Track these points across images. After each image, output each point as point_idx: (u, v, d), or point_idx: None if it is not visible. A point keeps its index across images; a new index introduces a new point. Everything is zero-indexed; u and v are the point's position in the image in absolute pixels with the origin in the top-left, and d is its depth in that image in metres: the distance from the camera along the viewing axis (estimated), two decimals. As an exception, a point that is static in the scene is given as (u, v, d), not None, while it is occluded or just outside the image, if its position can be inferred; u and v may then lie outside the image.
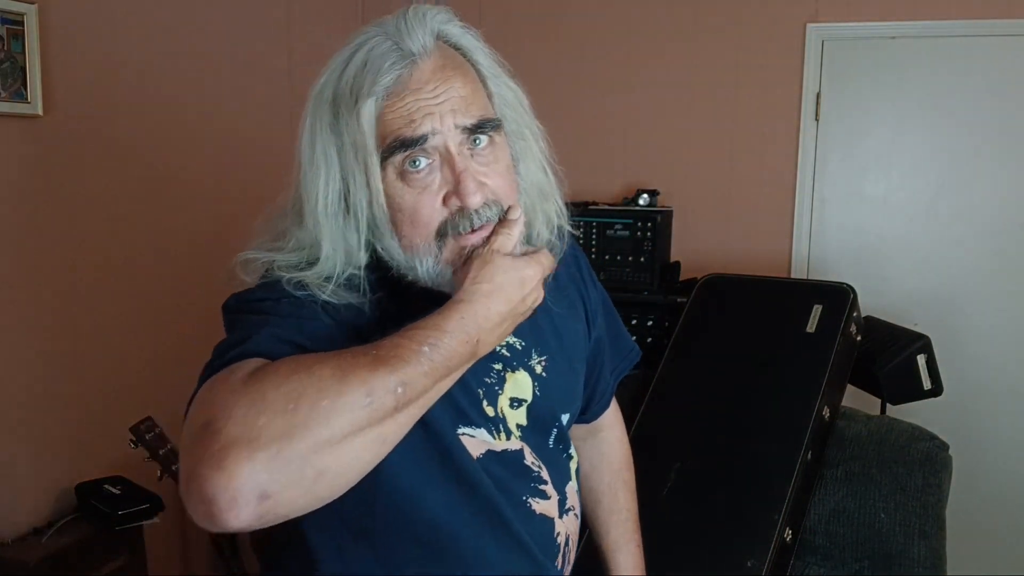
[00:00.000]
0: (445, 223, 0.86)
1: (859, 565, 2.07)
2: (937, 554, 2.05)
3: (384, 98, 0.84)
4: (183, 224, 2.69)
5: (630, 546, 1.26)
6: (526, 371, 1.00)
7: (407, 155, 0.84)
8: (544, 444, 1.03)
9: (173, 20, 2.61)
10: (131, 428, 2.26)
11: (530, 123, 0.96)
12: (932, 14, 2.88)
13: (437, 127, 0.84)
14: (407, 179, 0.85)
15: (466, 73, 0.89)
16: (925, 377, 2.44)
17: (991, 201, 2.91)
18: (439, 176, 0.86)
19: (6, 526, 2.16)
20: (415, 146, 0.84)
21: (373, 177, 0.85)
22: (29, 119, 2.16)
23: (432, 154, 0.85)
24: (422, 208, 0.86)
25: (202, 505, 0.64)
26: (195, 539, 2.78)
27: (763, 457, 2.11)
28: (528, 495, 0.99)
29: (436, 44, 0.88)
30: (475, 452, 0.94)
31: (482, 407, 0.95)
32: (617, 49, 3.25)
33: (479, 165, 0.87)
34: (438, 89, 0.85)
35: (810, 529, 2.12)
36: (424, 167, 0.85)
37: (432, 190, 0.86)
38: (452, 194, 0.85)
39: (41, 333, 2.25)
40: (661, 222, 2.90)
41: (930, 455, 2.13)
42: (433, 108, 0.84)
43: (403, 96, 0.84)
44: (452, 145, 0.85)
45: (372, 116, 0.84)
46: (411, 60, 0.85)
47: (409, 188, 0.86)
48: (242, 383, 0.69)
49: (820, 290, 2.49)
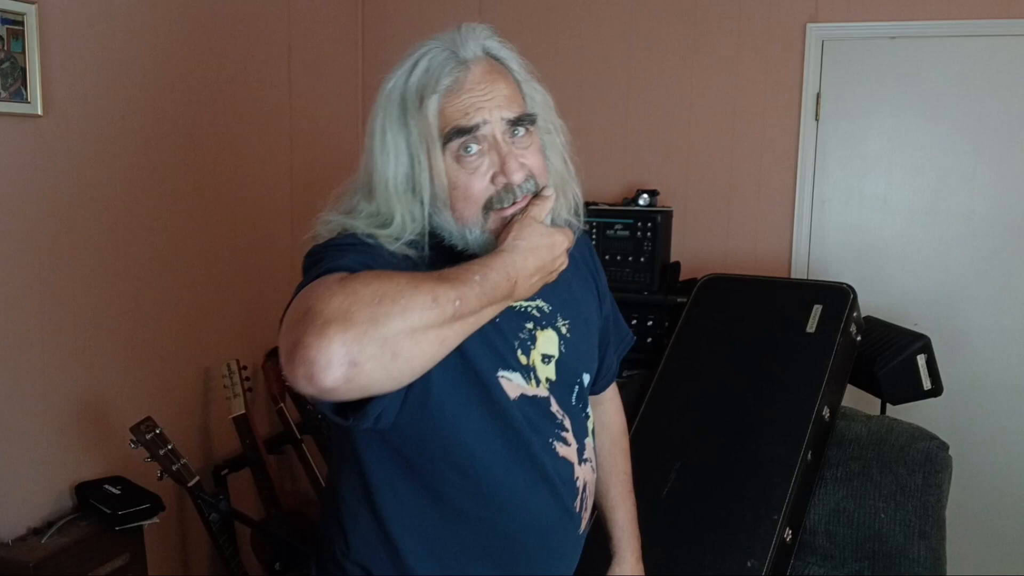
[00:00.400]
0: (491, 199, 1.06)
1: (859, 565, 2.07)
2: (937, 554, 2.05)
3: (444, 95, 1.04)
4: (183, 224, 2.69)
5: (627, 503, 1.45)
6: (553, 331, 1.18)
7: (463, 141, 1.04)
8: (568, 399, 1.20)
9: (173, 20, 2.61)
10: (131, 428, 2.26)
11: (555, 120, 1.17)
12: (932, 14, 2.88)
13: (487, 118, 1.05)
14: (462, 162, 1.05)
15: (507, 77, 1.10)
16: (925, 377, 2.44)
17: (991, 201, 2.91)
18: (487, 160, 1.06)
19: (6, 526, 2.16)
20: (469, 133, 1.04)
21: (436, 159, 1.05)
22: (29, 119, 2.16)
23: (482, 141, 1.05)
24: (473, 185, 1.06)
25: (303, 367, 0.80)
26: (195, 539, 2.78)
27: (763, 457, 2.12)
28: (553, 438, 1.17)
29: (484, 56, 1.09)
30: (512, 393, 1.11)
31: (518, 355, 1.13)
32: (617, 49, 3.25)
33: (519, 149, 1.07)
34: (487, 89, 1.06)
35: (810, 529, 2.12)
36: (475, 152, 1.05)
37: (481, 171, 1.06)
38: (499, 173, 1.06)
39: (41, 332, 2.25)
40: (661, 222, 2.90)
41: (930, 455, 2.13)
42: (483, 103, 1.05)
43: (459, 94, 1.04)
44: (498, 133, 1.06)
45: (435, 110, 1.04)
46: (465, 65, 1.06)
47: (463, 169, 1.06)
48: (337, 283, 0.86)
49: (820, 290, 2.50)
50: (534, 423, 1.14)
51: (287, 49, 3.13)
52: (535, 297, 1.13)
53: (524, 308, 1.15)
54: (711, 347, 2.49)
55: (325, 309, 0.81)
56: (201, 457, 2.80)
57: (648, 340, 2.85)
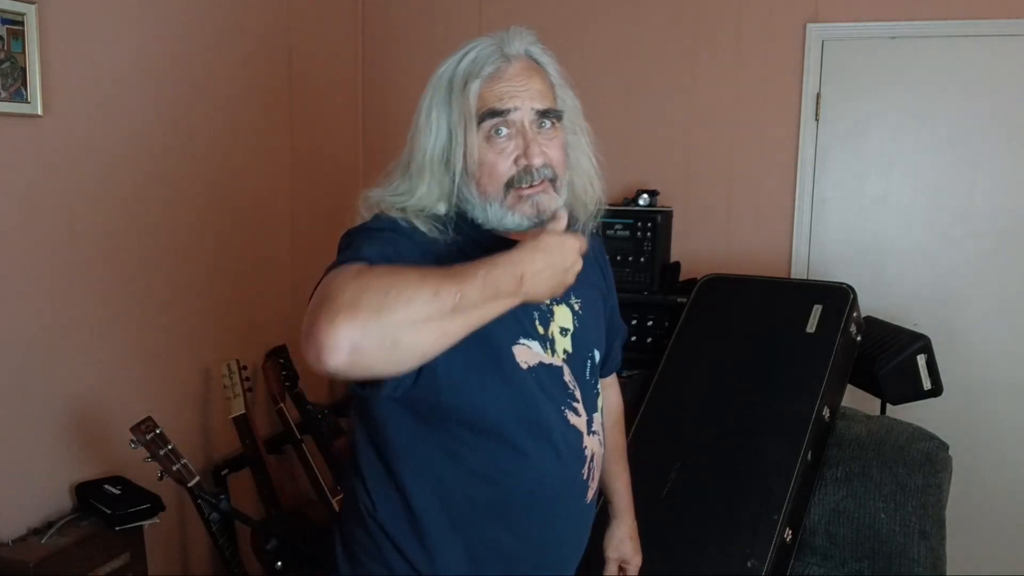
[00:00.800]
0: (512, 178, 1.18)
1: (859, 565, 2.07)
2: (937, 554, 2.05)
3: (485, 81, 1.17)
4: (183, 224, 2.69)
5: (624, 474, 1.61)
6: (567, 307, 1.29)
7: (495, 123, 1.17)
8: (582, 372, 1.30)
9: (173, 20, 2.61)
10: (131, 428, 2.26)
11: (582, 124, 1.31)
12: (932, 14, 2.88)
13: (519, 105, 1.17)
14: (491, 143, 1.18)
15: (543, 77, 1.23)
16: (925, 377, 2.44)
17: (991, 201, 2.91)
18: (513, 143, 1.18)
19: (6, 526, 2.16)
20: (501, 116, 1.17)
21: (471, 136, 1.17)
22: (29, 119, 2.16)
23: (511, 126, 1.18)
24: (499, 164, 1.18)
25: (313, 348, 0.89)
26: (195, 539, 2.78)
27: (763, 457, 2.12)
28: (565, 407, 1.25)
29: (525, 56, 1.22)
30: (530, 360, 1.21)
31: (536, 326, 1.23)
32: (617, 49, 3.25)
33: (544, 139, 1.19)
34: (523, 82, 1.19)
35: (810, 529, 2.12)
36: (504, 135, 1.18)
37: (507, 153, 1.18)
38: (521, 156, 1.17)
39: (41, 332, 2.25)
40: (661, 222, 2.90)
41: (930, 455, 2.13)
42: (518, 93, 1.18)
43: (498, 82, 1.18)
44: (527, 121, 1.18)
45: (476, 92, 1.17)
46: (508, 59, 1.20)
47: (491, 149, 1.18)
48: (354, 275, 0.96)
49: (820, 290, 2.50)
50: (548, 390, 1.22)
51: (287, 49, 3.13)
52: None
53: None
54: (711, 347, 2.49)
55: (338, 298, 0.91)
56: (201, 457, 2.80)
57: (648, 340, 2.85)
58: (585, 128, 1.31)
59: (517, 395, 1.19)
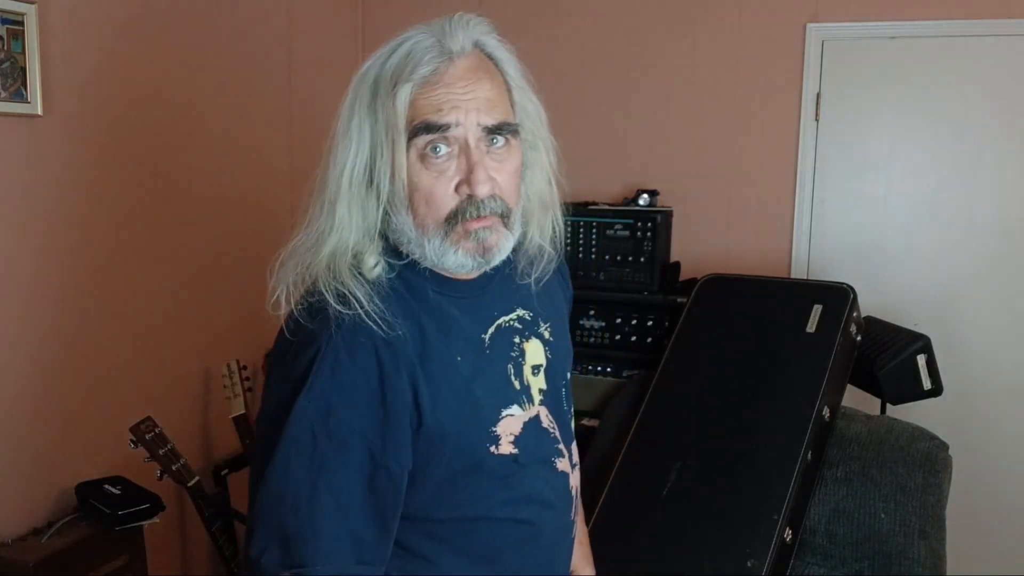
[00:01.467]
0: (455, 211, 0.96)
1: (859, 565, 2.07)
2: (937, 554, 2.05)
3: (420, 86, 0.94)
4: (183, 223, 2.69)
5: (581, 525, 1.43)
6: (537, 339, 1.12)
7: (431, 140, 0.95)
8: (559, 407, 1.16)
9: (173, 20, 2.61)
10: (131, 428, 2.26)
11: (545, 136, 1.07)
12: (932, 14, 2.88)
13: (461, 120, 0.94)
14: (426, 162, 0.96)
15: (495, 79, 0.99)
16: (925, 377, 2.44)
17: (991, 201, 2.91)
18: (455, 164, 0.96)
19: (6, 526, 2.16)
20: (439, 132, 0.94)
21: (399, 154, 0.95)
22: (29, 119, 2.16)
23: (452, 144, 0.95)
24: (436, 190, 0.96)
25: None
26: (195, 539, 2.78)
27: (763, 457, 2.12)
28: (554, 456, 1.13)
29: (474, 51, 0.99)
30: (514, 430, 1.05)
31: (511, 382, 1.07)
32: (617, 49, 3.25)
33: (492, 161, 0.97)
34: (468, 87, 0.95)
35: (810, 529, 2.12)
36: (443, 154, 0.95)
37: (447, 176, 0.96)
38: (464, 182, 0.95)
39: (41, 333, 2.25)
40: (661, 222, 2.90)
41: (930, 455, 2.13)
42: (460, 103, 0.95)
43: (436, 87, 0.95)
44: (471, 138, 0.95)
45: (406, 99, 0.94)
46: (449, 57, 0.96)
47: (427, 171, 0.96)
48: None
49: (820, 290, 2.50)
50: (540, 450, 1.10)
51: (287, 49, 3.13)
52: (515, 307, 1.10)
53: (508, 323, 1.09)
54: (711, 347, 2.49)
55: None
56: (201, 457, 2.80)
57: (648, 340, 2.85)
58: (550, 144, 1.07)
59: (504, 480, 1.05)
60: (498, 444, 1.03)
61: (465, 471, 1.01)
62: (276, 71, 3.09)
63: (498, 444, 1.03)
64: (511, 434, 1.04)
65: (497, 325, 1.07)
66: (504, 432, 1.03)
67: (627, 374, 2.78)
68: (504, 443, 1.03)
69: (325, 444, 0.92)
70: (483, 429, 1.02)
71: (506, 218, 1.00)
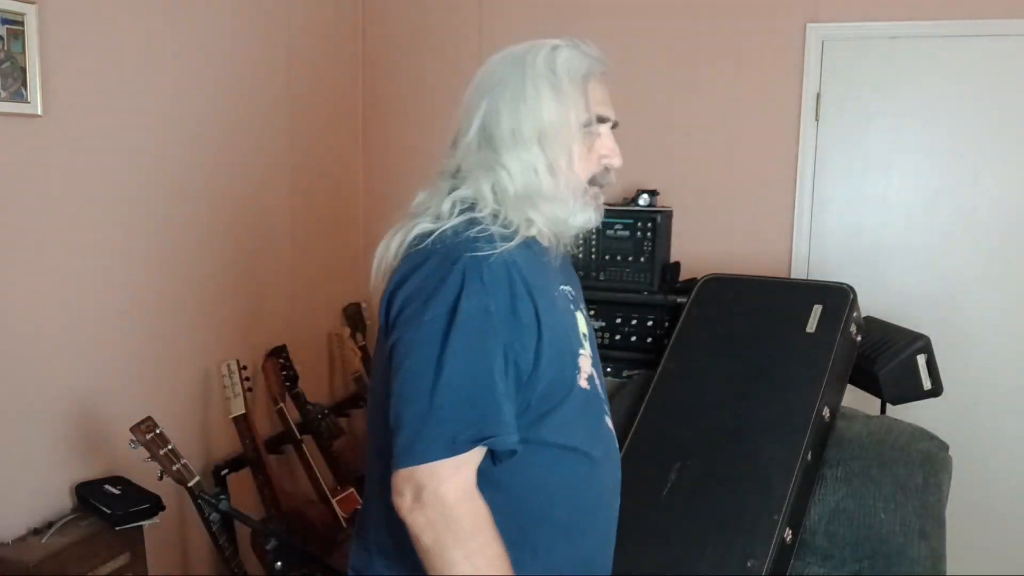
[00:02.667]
0: (595, 176, 1.27)
1: (859, 565, 2.07)
2: (937, 554, 2.04)
3: (596, 80, 1.29)
4: (183, 224, 2.69)
5: None
6: (580, 312, 1.31)
7: (595, 127, 1.25)
8: (601, 377, 1.33)
9: (173, 20, 2.61)
10: (131, 428, 2.26)
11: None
12: (932, 14, 2.88)
13: (614, 117, 1.31)
14: (586, 138, 1.25)
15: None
16: (925, 377, 2.43)
17: (991, 201, 2.91)
18: (598, 143, 1.27)
19: (6, 526, 2.16)
20: (607, 123, 1.28)
21: (577, 129, 1.23)
22: (29, 119, 2.16)
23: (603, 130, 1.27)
24: (588, 159, 1.25)
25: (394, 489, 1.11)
26: (195, 539, 2.78)
27: (763, 457, 2.11)
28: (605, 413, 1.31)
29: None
30: (586, 369, 1.24)
31: (579, 330, 1.27)
32: (617, 49, 3.22)
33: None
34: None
35: (810, 529, 2.12)
36: (598, 134, 1.26)
37: (595, 150, 1.26)
38: (607, 156, 1.27)
39: (40, 332, 2.25)
40: (661, 222, 2.90)
41: (930, 455, 2.13)
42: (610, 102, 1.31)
43: (603, 86, 1.30)
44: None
45: (592, 90, 1.26)
46: (603, 65, 1.31)
47: (583, 143, 1.25)
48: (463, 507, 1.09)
49: (820, 290, 2.49)
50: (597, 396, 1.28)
51: (287, 49, 3.13)
52: (565, 282, 1.30)
53: (563, 292, 1.28)
54: (711, 347, 2.49)
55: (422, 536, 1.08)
56: (201, 457, 2.80)
57: (648, 340, 2.85)
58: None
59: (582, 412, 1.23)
60: (579, 375, 1.22)
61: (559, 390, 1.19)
62: (276, 71, 3.09)
63: (579, 375, 1.22)
64: (586, 372, 1.23)
65: (560, 288, 1.28)
66: (582, 368, 1.23)
67: (627, 374, 2.78)
68: (583, 377, 1.22)
69: (490, 336, 1.11)
70: (573, 355, 1.22)
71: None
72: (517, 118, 1.20)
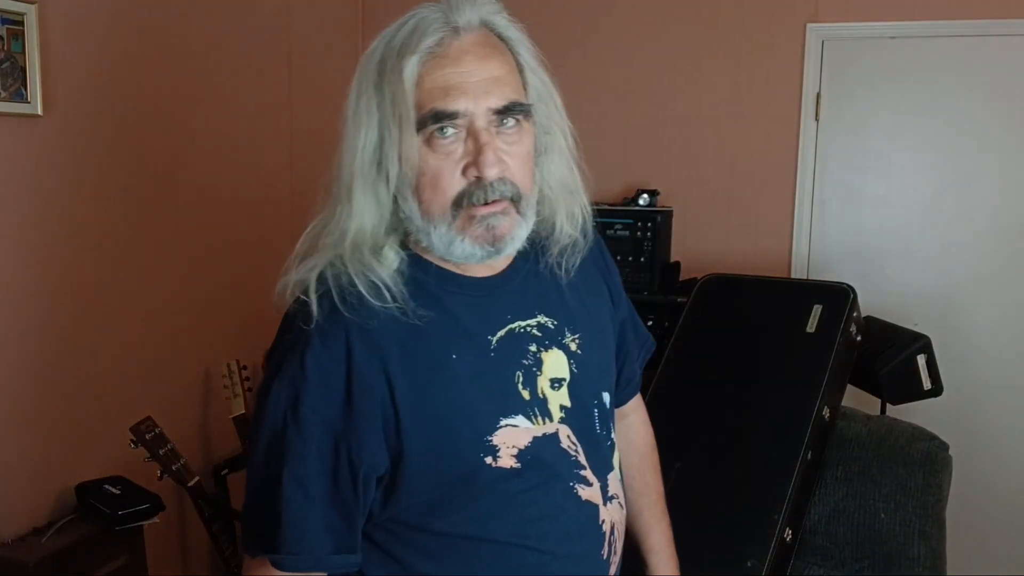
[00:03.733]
0: (462, 194, 0.92)
1: (859, 565, 2.07)
2: (937, 554, 2.04)
3: (426, 59, 0.90)
4: (183, 223, 2.69)
5: (661, 525, 1.29)
6: (560, 349, 1.03)
7: (439, 125, 0.91)
8: (591, 428, 1.05)
9: (173, 20, 2.61)
10: (131, 428, 2.26)
11: (560, 120, 1.02)
12: (932, 14, 2.88)
13: (470, 107, 0.90)
14: (433, 144, 0.91)
15: (505, 57, 0.95)
16: (925, 377, 2.43)
17: (991, 201, 2.91)
18: (463, 147, 0.92)
19: (6, 526, 2.16)
20: (447, 120, 0.90)
21: (406, 135, 0.91)
22: (29, 119, 2.16)
23: (460, 125, 0.91)
24: (443, 173, 0.92)
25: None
26: (195, 539, 2.78)
27: (763, 457, 2.11)
28: (574, 481, 1.01)
29: (482, 28, 0.94)
30: (519, 443, 0.97)
31: (518, 391, 0.99)
32: (617, 49, 3.25)
33: (503, 143, 0.93)
34: (475, 66, 0.91)
35: (810, 529, 2.12)
36: (451, 136, 0.91)
37: (454, 158, 0.92)
38: (472, 165, 0.91)
39: (41, 333, 2.25)
40: (661, 222, 2.90)
41: (930, 455, 2.13)
42: (468, 85, 0.90)
43: (443, 64, 0.90)
44: (480, 122, 0.91)
45: (413, 74, 0.90)
46: (454, 29, 0.91)
47: (434, 153, 0.92)
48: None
49: (820, 290, 2.49)
50: (554, 469, 1.00)
51: (287, 49, 3.13)
52: (535, 312, 1.03)
53: (524, 328, 1.01)
54: (711, 347, 2.49)
55: None
56: (201, 457, 2.80)
57: (648, 340, 2.85)
58: (566, 128, 1.03)
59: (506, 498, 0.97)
60: (496, 456, 0.95)
61: (460, 480, 0.95)
62: (276, 71, 3.09)
63: (496, 456, 0.95)
64: (513, 447, 0.96)
65: (509, 329, 1.00)
66: (503, 443, 0.96)
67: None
68: (504, 456, 0.95)
69: (292, 432, 0.92)
70: (478, 436, 0.95)
71: (518, 203, 0.94)
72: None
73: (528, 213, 0.97)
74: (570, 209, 1.04)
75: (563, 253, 1.05)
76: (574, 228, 1.05)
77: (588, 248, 1.09)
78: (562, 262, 1.05)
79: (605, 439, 1.08)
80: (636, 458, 1.29)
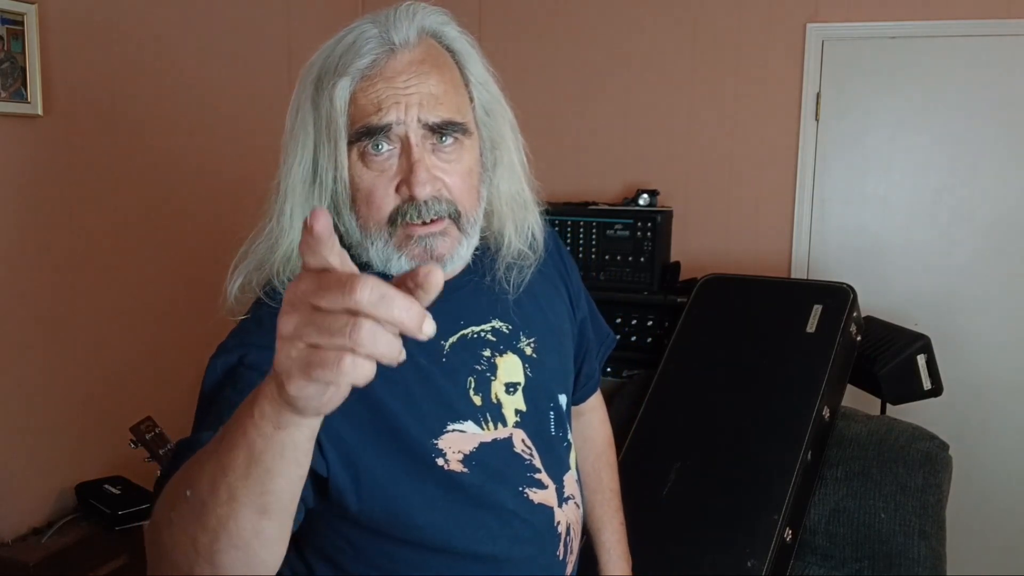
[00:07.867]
0: (396, 211, 0.91)
1: (859, 565, 2.07)
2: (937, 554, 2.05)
3: (359, 80, 0.89)
4: (183, 223, 2.69)
5: (613, 523, 1.30)
6: (515, 354, 1.02)
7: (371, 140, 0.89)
8: (545, 430, 1.05)
9: (173, 20, 2.61)
10: (131, 428, 2.26)
11: (510, 134, 1.00)
12: (932, 14, 2.88)
13: (401, 118, 0.88)
14: (367, 160, 0.90)
15: (446, 73, 0.92)
16: (925, 377, 2.43)
17: (991, 201, 2.91)
18: (397, 163, 0.90)
19: (6, 526, 2.16)
20: (379, 134, 0.89)
21: (340, 153, 0.90)
22: (29, 119, 2.16)
23: (394, 141, 0.90)
24: (376, 190, 0.90)
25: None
26: (195, 539, 2.78)
27: (763, 457, 2.12)
28: (524, 485, 1.00)
29: (424, 41, 0.92)
30: (465, 448, 0.95)
31: (470, 396, 0.97)
32: (617, 49, 3.24)
33: (440, 161, 0.91)
34: (410, 81, 0.89)
35: (810, 529, 2.12)
36: (384, 152, 0.90)
37: (388, 175, 0.90)
38: (403, 183, 0.89)
39: (41, 333, 2.25)
40: (661, 222, 2.90)
41: (930, 455, 2.13)
42: (401, 98, 0.88)
43: (375, 81, 0.89)
44: (413, 136, 0.89)
45: (345, 94, 0.89)
46: (390, 48, 0.89)
47: (368, 169, 0.90)
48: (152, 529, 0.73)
49: (820, 290, 2.49)
50: (500, 474, 0.97)
51: (287, 49, 3.13)
52: (489, 318, 1.01)
53: (478, 334, 1.00)
54: (711, 347, 2.49)
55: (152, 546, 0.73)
56: (201, 457, 2.80)
57: (648, 340, 2.85)
58: (517, 143, 1.01)
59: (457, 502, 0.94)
60: (446, 460, 0.93)
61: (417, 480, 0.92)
62: (276, 71, 3.09)
63: (446, 460, 0.93)
64: (459, 452, 0.94)
65: (462, 335, 0.98)
66: (449, 448, 0.94)
67: (627, 374, 2.78)
68: (452, 460, 0.93)
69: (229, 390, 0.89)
70: (423, 439, 0.93)
71: (457, 220, 0.92)
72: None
73: (470, 231, 0.94)
74: (519, 223, 1.03)
75: (511, 268, 1.02)
76: (523, 243, 1.03)
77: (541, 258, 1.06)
78: (510, 277, 1.02)
79: (561, 440, 1.07)
80: (592, 456, 1.30)
